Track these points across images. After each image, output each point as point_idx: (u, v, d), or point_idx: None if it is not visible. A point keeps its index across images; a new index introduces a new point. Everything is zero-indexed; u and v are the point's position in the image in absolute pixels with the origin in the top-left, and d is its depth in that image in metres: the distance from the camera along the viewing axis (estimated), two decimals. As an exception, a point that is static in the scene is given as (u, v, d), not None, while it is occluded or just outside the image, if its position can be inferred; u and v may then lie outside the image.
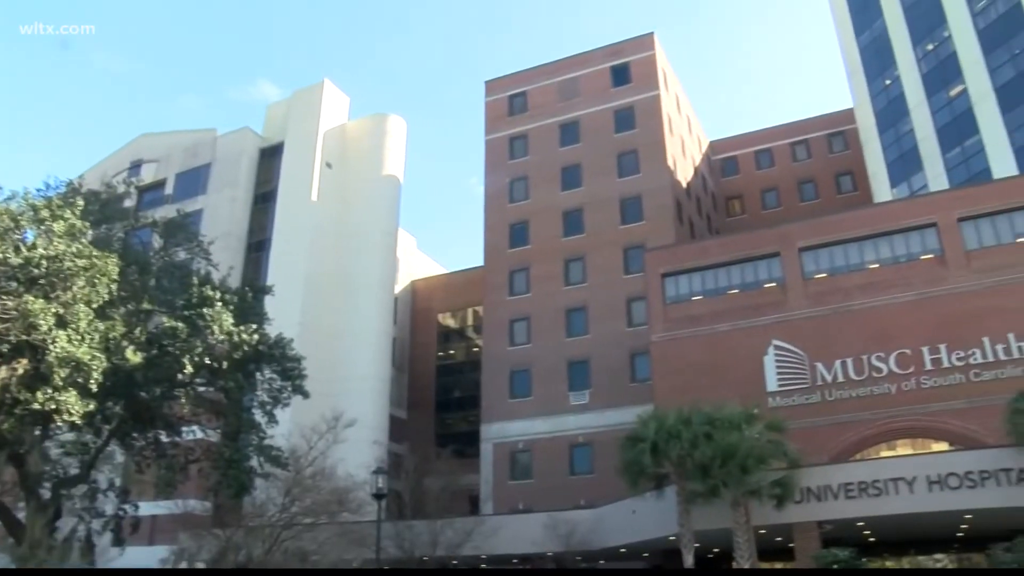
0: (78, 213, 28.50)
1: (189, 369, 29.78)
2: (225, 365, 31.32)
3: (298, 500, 35.69)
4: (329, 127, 66.40)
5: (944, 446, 35.32)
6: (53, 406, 25.53)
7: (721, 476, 29.40)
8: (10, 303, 25.24)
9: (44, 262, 25.89)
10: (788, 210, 68.52)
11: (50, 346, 24.98)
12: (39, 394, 25.27)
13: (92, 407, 27.37)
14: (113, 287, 28.12)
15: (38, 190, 29.89)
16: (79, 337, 25.83)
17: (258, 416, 33.43)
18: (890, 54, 60.25)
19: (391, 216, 67.29)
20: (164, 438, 34.38)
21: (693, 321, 42.95)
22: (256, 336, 31.92)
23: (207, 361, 30.52)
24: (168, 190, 68.08)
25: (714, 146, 76.59)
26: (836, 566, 27.89)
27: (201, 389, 32.86)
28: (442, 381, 69.76)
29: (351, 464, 41.44)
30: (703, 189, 67.76)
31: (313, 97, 67.15)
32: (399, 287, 69.99)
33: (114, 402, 31.01)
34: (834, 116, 73.26)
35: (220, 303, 31.02)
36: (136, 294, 31.68)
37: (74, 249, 26.61)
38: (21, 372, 25.99)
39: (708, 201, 68.72)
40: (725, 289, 43.39)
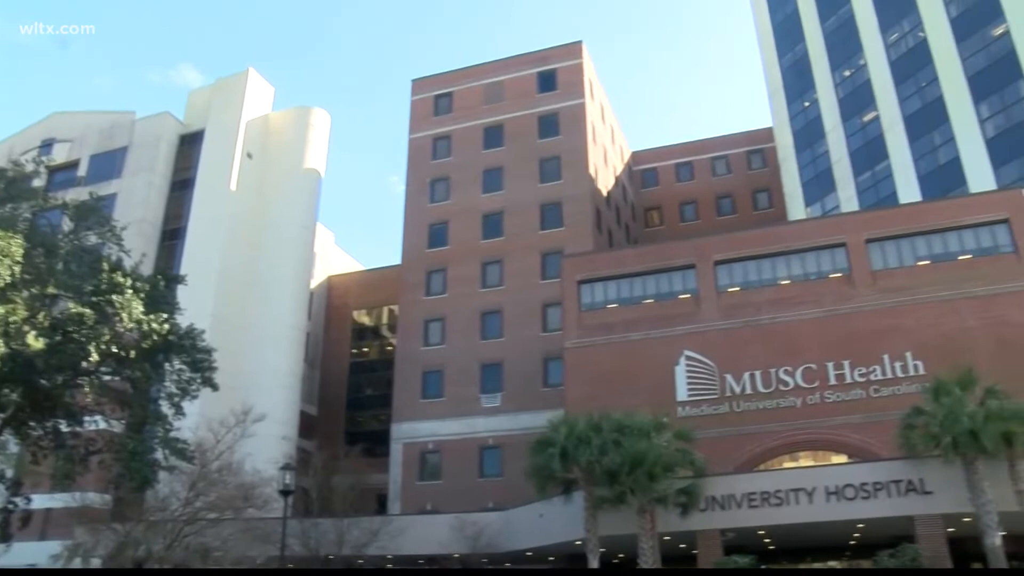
0: (-20, 190, 27.37)
1: (95, 357, 28.78)
2: (133, 354, 30.32)
3: (203, 495, 34.97)
4: (252, 117, 65.18)
5: (843, 458, 36.59)
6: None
7: (629, 483, 29.87)
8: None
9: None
10: (705, 223, 70.06)
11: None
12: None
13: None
14: (16, 269, 26.99)
15: (-65, 165, 28.64)
16: (-25, 319, 24.79)
17: (165, 408, 32.35)
18: (810, 77, 62.34)
19: (310, 210, 66.41)
20: (64, 428, 33.01)
21: (607, 329, 43.50)
22: (167, 326, 30.95)
23: (114, 349, 29.50)
24: (81, 172, 65.70)
25: (636, 157, 77.73)
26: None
27: (107, 378, 31.66)
28: (354, 379, 69.15)
29: (259, 459, 40.82)
30: (623, 199, 68.73)
31: (237, 85, 65.85)
32: (315, 282, 69.15)
33: (11, 389, 29.66)
34: (755, 134, 74.98)
35: (131, 290, 29.90)
36: (41, 277, 30.28)
37: (-26, 227, 25.53)
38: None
39: (627, 211, 69.71)
40: (640, 298, 44.05)
